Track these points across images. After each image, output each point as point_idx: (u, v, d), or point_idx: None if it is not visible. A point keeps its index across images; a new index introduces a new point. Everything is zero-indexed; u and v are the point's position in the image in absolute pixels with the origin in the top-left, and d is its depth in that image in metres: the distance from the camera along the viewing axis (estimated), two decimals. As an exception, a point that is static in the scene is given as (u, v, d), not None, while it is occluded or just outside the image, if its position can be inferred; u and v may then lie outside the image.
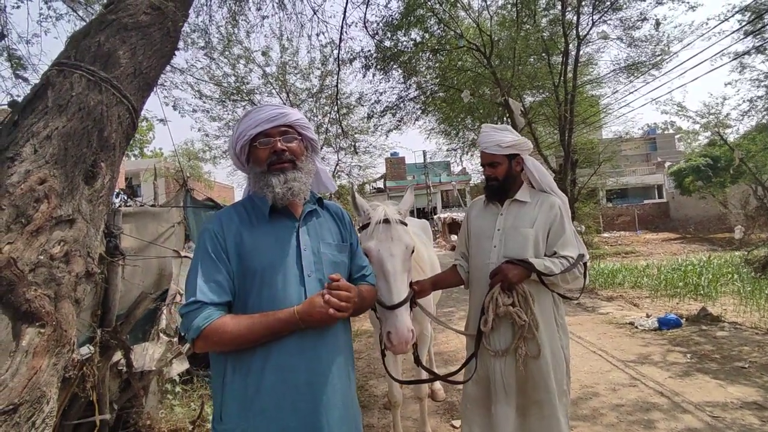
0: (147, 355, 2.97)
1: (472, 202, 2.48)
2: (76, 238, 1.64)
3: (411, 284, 1.98)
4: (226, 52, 8.79)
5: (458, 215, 23.70)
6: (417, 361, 2.17)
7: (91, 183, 1.78)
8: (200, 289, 1.31)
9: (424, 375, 2.58)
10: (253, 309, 1.34)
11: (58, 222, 1.59)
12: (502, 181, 2.19)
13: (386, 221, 1.90)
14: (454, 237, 16.99)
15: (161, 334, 3.16)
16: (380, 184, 37.31)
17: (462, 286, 2.37)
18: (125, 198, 3.50)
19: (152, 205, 3.52)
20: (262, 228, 1.43)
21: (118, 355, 2.80)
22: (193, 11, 5.58)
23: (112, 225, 2.63)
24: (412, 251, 1.94)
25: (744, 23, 8.26)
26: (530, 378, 2.03)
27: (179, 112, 9.09)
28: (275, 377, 1.30)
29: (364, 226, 1.98)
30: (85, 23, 2.27)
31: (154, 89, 2.47)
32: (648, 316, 6.77)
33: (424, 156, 32.73)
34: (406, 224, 1.99)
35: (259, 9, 6.08)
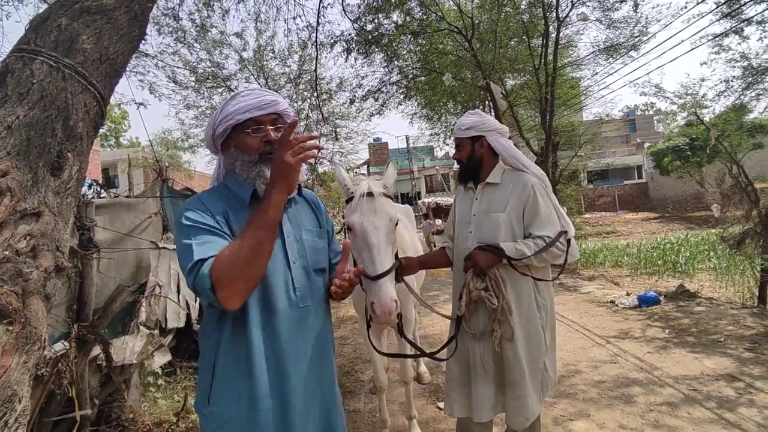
0: (127, 348, 2.92)
1: (459, 187, 2.49)
2: (44, 231, 1.58)
3: (398, 258, 1.99)
4: (201, 37, 8.53)
5: (442, 200, 23.77)
6: (401, 332, 2.17)
7: (57, 174, 1.71)
8: (197, 252, 1.20)
9: (409, 350, 2.60)
10: None
11: (23, 216, 1.53)
12: (467, 163, 2.23)
13: (370, 194, 1.89)
14: (438, 221, 17.07)
15: (141, 327, 3.11)
16: (364, 170, 37.18)
17: (449, 270, 2.40)
18: (98, 189, 3.40)
19: (127, 196, 3.43)
20: (245, 216, 1.35)
21: (97, 350, 2.75)
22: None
23: (85, 217, 2.55)
24: (396, 223, 1.94)
25: (720, 4, 8.34)
26: (506, 360, 2.07)
27: (156, 96, 8.83)
28: (267, 364, 1.30)
29: (348, 200, 1.97)
30: (47, 5, 2.17)
31: (125, 75, 2.39)
32: (628, 294, 6.93)
33: (407, 141, 32.62)
34: (390, 197, 1.98)
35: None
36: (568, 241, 2.11)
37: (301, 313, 1.38)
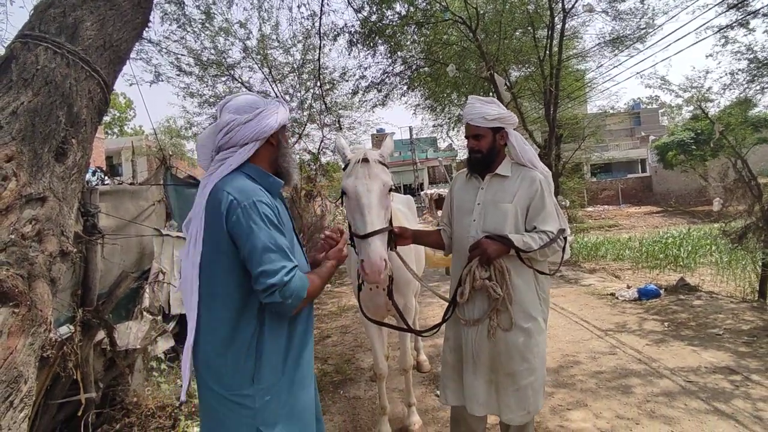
0: (131, 333, 2.96)
1: (456, 175, 2.49)
2: (49, 216, 1.61)
3: (392, 225, 2.07)
4: (206, 25, 8.48)
5: (445, 191, 23.75)
6: (390, 294, 2.20)
7: (62, 160, 1.73)
8: (289, 256, 1.42)
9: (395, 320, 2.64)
10: None
11: (29, 200, 1.55)
12: (486, 154, 2.17)
13: (365, 160, 1.96)
14: (440, 212, 17.07)
15: (145, 313, 3.15)
16: (366, 161, 36.97)
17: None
18: (102, 176, 3.42)
19: (131, 184, 3.45)
20: (279, 204, 1.55)
21: (101, 334, 2.79)
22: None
23: (89, 204, 2.58)
24: (390, 189, 2.01)
25: (727, -5, 8.24)
26: (505, 350, 2.06)
27: (164, 80, 8.82)
28: (302, 340, 1.54)
29: (346, 167, 2.02)
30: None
31: (129, 61, 2.39)
32: (628, 287, 6.94)
33: (411, 132, 32.48)
34: (385, 165, 2.05)
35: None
36: (565, 239, 2.13)
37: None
